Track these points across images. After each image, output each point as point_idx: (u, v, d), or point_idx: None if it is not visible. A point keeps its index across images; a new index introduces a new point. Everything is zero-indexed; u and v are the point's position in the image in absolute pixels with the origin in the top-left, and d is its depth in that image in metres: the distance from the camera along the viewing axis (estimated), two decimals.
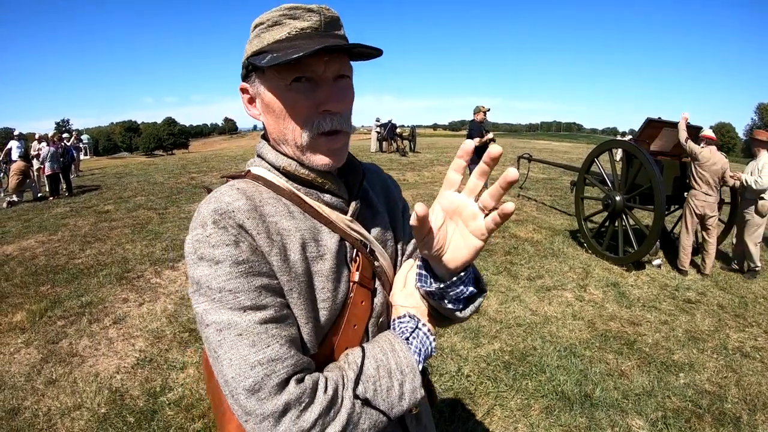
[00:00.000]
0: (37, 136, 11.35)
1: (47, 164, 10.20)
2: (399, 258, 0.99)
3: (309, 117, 0.78)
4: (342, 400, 0.70)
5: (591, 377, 3.26)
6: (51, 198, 10.04)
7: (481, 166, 0.66)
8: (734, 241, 5.88)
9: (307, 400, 0.67)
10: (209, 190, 0.85)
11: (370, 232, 0.92)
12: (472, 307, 0.83)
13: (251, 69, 0.81)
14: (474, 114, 7.62)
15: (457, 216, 0.71)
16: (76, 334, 3.79)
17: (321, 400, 0.68)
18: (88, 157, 27.75)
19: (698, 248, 5.73)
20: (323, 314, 0.80)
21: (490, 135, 7.37)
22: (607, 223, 6.12)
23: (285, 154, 0.84)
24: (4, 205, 9.36)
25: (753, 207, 5.42)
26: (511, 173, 0.63)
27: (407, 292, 0.87)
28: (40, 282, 4.93)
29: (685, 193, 5.63)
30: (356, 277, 0.85)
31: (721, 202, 5.56)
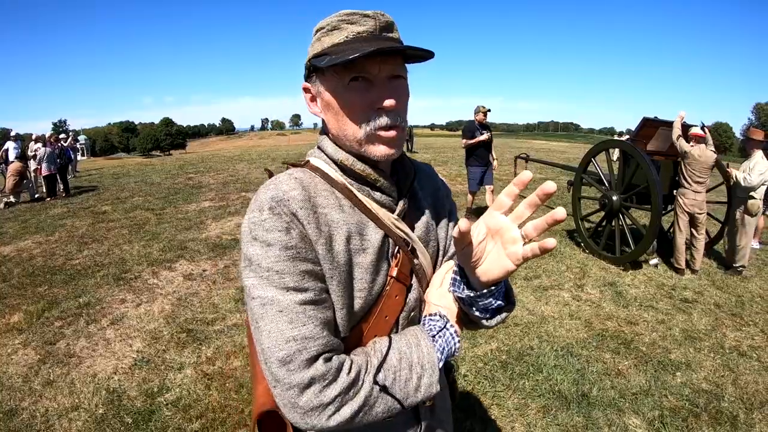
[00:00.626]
0: (33, 137, 11.30)
1: (44, 165, 10.17)
2: (440, 258, 1.03)
3: (365, 114, 0.83)
4: (362, 383, 0.77)
5: (588, 376, 3.27)
6: (48, 199, 10.03)
7: (533, 198, 0.69)
8: (726, 239, 5.91)
9: (331, 378, 0.74)
10: (271, 174, 0.92)
11: (414, 231, 0.97)
12: (498, 318, 0.88)
13: (313, 70, 0.87)
14: (474, 114, 7.37)
15: (498, 237, 0.75)
16: (73, 335, 3.79)
17: (343, 380, 0.75)
18: (85, 157, 27.66)
19: (689, 245, 5.73)
20: (358, 303, 0.86)
21: (485, 136, 7.09)
22: (604, 223, 6.13)
23: (343, 149, 0.89)
24: (1, 205, 9.33)
25: (743, 206, 5.44)
26: (560, 213, 0.66)
27: (441, 292, 0.92)
28: (38, 283, 4.92)
29: (675, 191, 5.64)
30: (394, 272, 0.91)
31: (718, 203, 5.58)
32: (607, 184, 6.08)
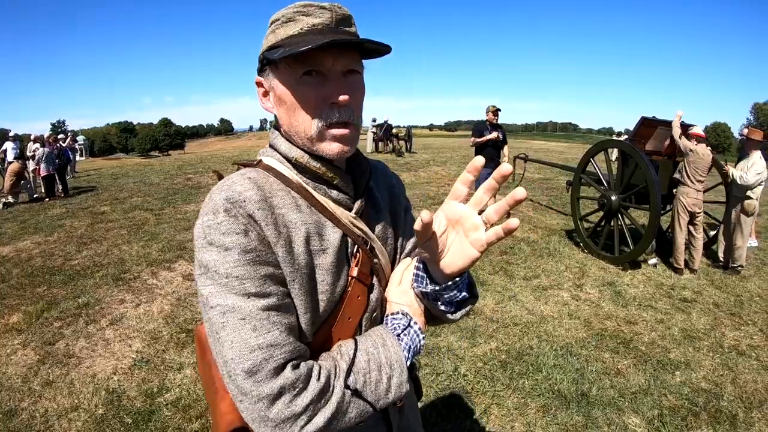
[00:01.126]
0: (32, 137, 11.28)
1: (42, 165, 10.14)
2: (398, 256, 1.02)
3: (318, 109, 0.81)
4: (333, 389, 0.73)
5: (587, 376, 3.27)
6: (47, 199, 10.00)
7: (490, 182, 0.69)
8: (722, 239, 5.92)
9: (301, 386, 0.70)
10: (220, 176, 0.88)
11: (372, 230, 0.95)
12: (462, 311, 0.88)
13: (266, 63, 0.84)
14: (485, 113, 7.17)
15: (459, 226, 0.74)
16: (72, 335, 3.78)
17: (314, 387, 0.71)
18: (83, 158, 27.62)
19: (687, 245, 5.74)
20: (322, 305, 0.84)
21: (492, 135, 6.82)
22: (603, 223, 6.14)
23: (297, 146, 0.87)
24: (0, 206, 9.31)
25: (740, 205, 5.46)
26: (519, 192, 0.66)
27: (402, 289, 0.90)
28: (37, 283, 4.92)
29: (674, 190, 5.65)
30: (355, 272, 0.88)
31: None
32: (606, 184, 6.09)
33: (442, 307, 0.84)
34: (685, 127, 5.56)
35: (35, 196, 10.30)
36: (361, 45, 0.80)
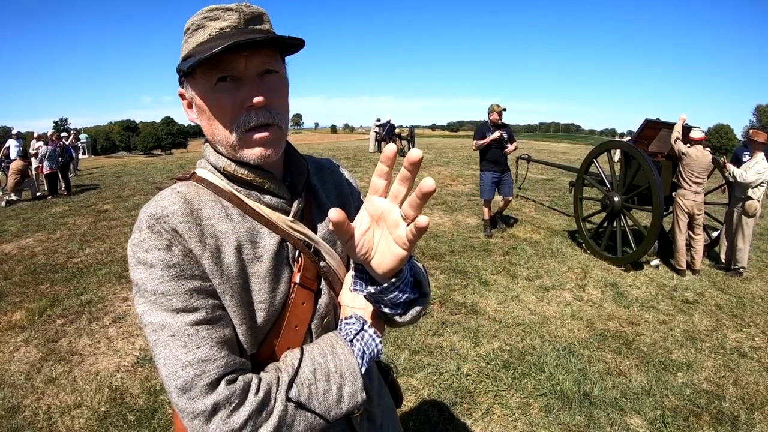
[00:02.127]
0: (35, 135, 11.32)
1: (45, 163, 10.18)
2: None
3: (235, 115, 0.79)
4: (274, 402, 0.72)
5: (590, 376, 3.27)
6: (50, 197, 10.03)
7: (403, 171, 0.64)
8: (724, 240, 5.92)
9: (237, 401, 0.69)
10: (160, 189, 0.87)
11: (317, 232, 0.92)
12: (413, 312, 0.82)
13: (182, 74, 0.83)
14: (488, 113, 6.59)
15: (383, 222, 0.69)
16: (75, 332, 3.79)
17: (251, 401, 0.70)
18: (86, 156, 27.68)
19: (688, 246, 5.73)
20: (260, 315, 0.81)
21: (495, 134, 6.38)
22: (605, 224, 6.13)
23: (222, 155, 0.85)
24: (3, 203, 9.33)
25: (741, 206, 5.45)
26: (427, 184, 0.60)
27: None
28: (40, 281, 4.93)
29: (673, 193, 5.65)
30: (297, 278, 0.86)
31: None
32: (608, 185, 6.08)
33: (386, 310, 0.79)
34: (687, 130, 5.56)
35: (38, 194, 10.32)
36: (276, 42, 0.78)
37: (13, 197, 9.67)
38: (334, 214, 0.64)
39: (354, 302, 0.86)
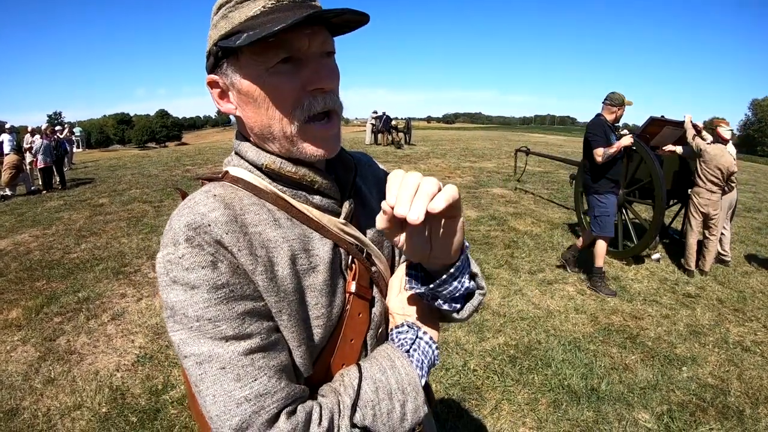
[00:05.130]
0: (30, 129, 11.19)
1: (40, 157, 10.07)
2: (397, 259, 0.91)
3: (296, 101, 0.69)
4: (338, 430, 0.65)
5: (596, 371, 3.25)
6: (44, 191, 9.93)
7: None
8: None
9: None
10: (184, 195, 0.75)
11: (365, 234, 0.83)
12: (470, 306, 0.77)
13: (221, 56, 0.71)
14: (604, 107, 4.60)
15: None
16: (73, 330, 3.73)
17: None
18: (80, 149, 27.43)
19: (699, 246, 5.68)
20: (317, 333, 0.73)
21: (626, 140, 4.44)
22: None
23: (267, 150, 0.75)
24: None
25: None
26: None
27: (404, 296, 0.81)
28: (35, 277, 4.86)
29: (689, 191, 5.58)
30: (353, 287, 0.77)
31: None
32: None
33: (445, 307, 0.74)
34: (696, 128, 5.50)
35: (33, 188, 10.22)
36: (340, 17, 0.68)
37: (8, 192, 9.56)
38: (415, 214, 0.57)
39: (404, 308, 0.79)
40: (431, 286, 0.69)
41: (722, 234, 5.52)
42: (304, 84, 0.69)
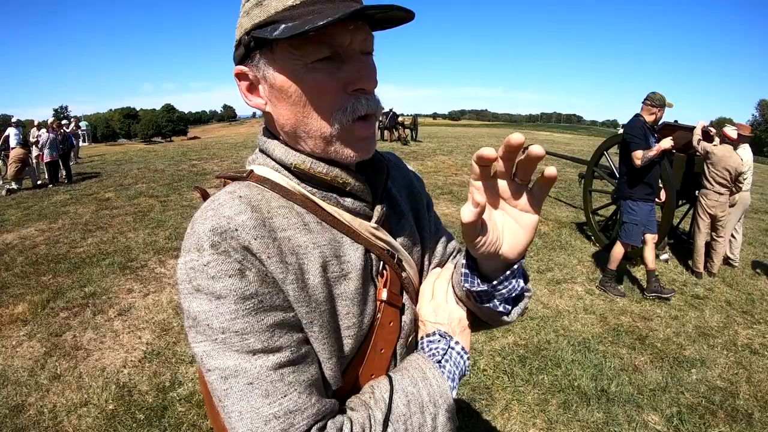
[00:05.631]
0: (36, 123, 11.20)
1: (46, 151, 10.07)
2: (426, 264, 0.88)
3: (339, 101, 0.65)
4: None
5: (606, 372, 3.23)
6: (50, 185, 9.93)
7: (505, 152, 0.57)
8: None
9: None
10: (205, 194, 0.72)
11: (396, 239, 0.79)
12: (517, 309, 0.74)
13: (253, 46, 0.65)
14: (643, 107, 4.38)
15: (503, 201, 0.62)
16: (80, 326, 3.72)
17: None
18: (86, 143, 27.47)
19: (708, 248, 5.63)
20: (347, 343, 0.69)
21: (667, 143, 4.18)
22: (615, 217, 6.07)
23: (296, 149, 0.70)
24: (3, 192, 9.24)
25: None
26: (536, 149, 0.54)
27: (436, 304, 0.78)
28: (42, 272, 4.86)
29: (697, 192, 5.53)
30: (384, 294, 0.74)
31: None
32: (618, 176, 6.00)
33: (500, 308, 0.70)
34: (707, 134, 5.43)
35: (39, 182, 10.23)
36: (386, 13, 0.63)
37: (14, 186, 9.57)
38: (468, 214, 0.56)
39: (437, 317, 0.76)
40: (494, 282, 0.66)
41: (733, 238, 5.46)
42: (345, 84, 0.65)
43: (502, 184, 0.60)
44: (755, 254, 6.27)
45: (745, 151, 5.25)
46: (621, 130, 7.84)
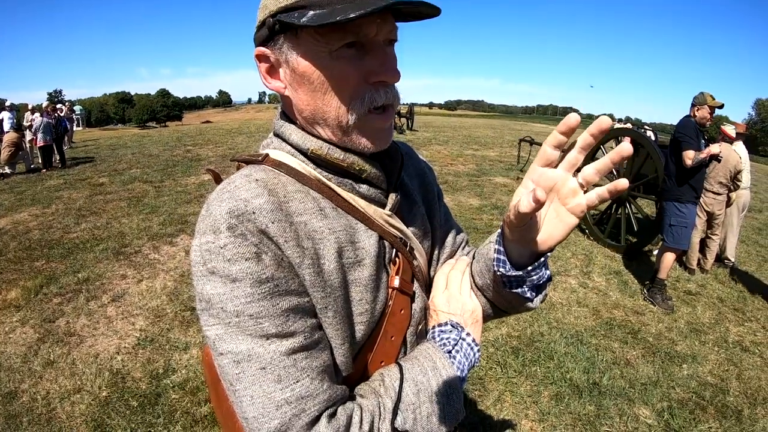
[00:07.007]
0: (30, 107, 11.06)
1: (40, 135, 9.95)
2: (437, 253, 0.88)
3: (359, 90, 0.64)
4: None
5: (598, 365, 3.26)
6: (44, 170, 9.84)
7: (587, 139, 0.57)
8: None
9: None
10: (217, 177, 0.72)
11: (408, 228, 0.80)
12: (542, 295, 0.74)
13: (278, 29, 0.64)
14: (692, 107, 4.29)
15: (554, 193, 0.62)
16: (73, 312, 3.70)
17: None
18: (80, 128, 27.21)
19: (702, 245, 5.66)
20: (359, 330, 0.70)
21: (716, 148, 4.17)
22: (609, 211, 6.10)
23: (314, 135, 0.70)
24: None
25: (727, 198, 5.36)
26: (626, 147, 0.54)
27: (450, 294, 0.78)
28: (35, 257, 4.82)
29: None
30: (396, 282, 0.74)
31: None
32: (615, 173, 6.02)
33: (528, 294, 0.70)
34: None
35: (32, 166, 10.15)
36: (411, 8, 0.63)
37: (7, 170, 9.47)
38: (527, 206, 0.55)
39: (449, 306, 0.77)
40: (529, 269, 0.67)
41: (730, 239, 5.47)
42: (366, 74, 0.64)
43: (566, 178, 0.61)
44: (748, 252, 6.32)
45: (741, 148, 5.27)
46: (617, 125, 7.87)
